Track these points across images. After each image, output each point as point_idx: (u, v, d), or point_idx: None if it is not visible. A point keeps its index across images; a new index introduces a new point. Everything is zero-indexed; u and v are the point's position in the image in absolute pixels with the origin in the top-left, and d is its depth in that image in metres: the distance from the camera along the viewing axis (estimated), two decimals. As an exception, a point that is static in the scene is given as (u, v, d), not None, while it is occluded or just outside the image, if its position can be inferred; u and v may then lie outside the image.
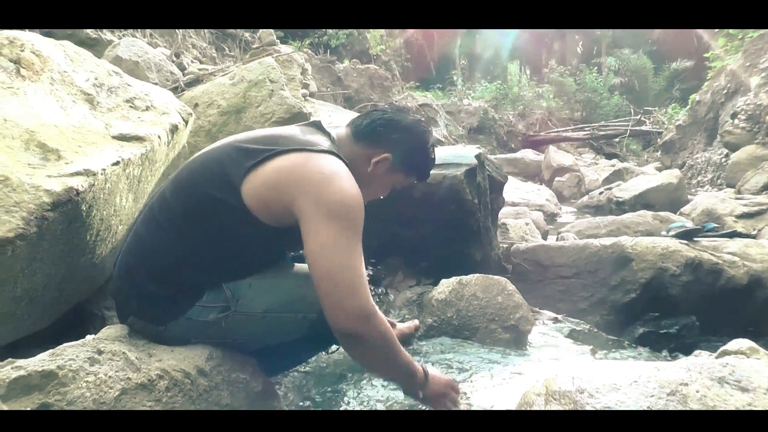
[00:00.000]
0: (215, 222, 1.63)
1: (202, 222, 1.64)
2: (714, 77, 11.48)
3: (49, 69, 2.33)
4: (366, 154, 1.83)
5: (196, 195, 1.65)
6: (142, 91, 2.64)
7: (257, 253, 1.71)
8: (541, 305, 3.33)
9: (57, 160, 1.92)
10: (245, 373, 1.74)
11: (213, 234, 1.63)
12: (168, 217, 1.67)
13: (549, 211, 7.52)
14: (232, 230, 1.63)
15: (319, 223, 1.54)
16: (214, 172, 1.67)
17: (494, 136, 17.37)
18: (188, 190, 1.68)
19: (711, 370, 1.53)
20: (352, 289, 1.52)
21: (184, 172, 1.75)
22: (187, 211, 1.65)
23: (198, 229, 1.64)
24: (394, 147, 1.85)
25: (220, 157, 1.71)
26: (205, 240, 1.64)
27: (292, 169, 1.61)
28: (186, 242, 1.64)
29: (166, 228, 1.66)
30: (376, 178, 1.84)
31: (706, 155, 10.74)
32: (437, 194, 3.18)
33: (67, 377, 1.40)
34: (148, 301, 1.66)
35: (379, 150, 1.84)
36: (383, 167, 1.84)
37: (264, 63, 4.03)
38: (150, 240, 1.68)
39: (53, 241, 1.82)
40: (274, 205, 1.60)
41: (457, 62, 23.38)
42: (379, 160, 1.83)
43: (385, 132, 1.86)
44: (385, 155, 1.83)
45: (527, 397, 1.63)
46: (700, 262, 3.13)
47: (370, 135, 1.86)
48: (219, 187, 1.63)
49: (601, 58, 23.57)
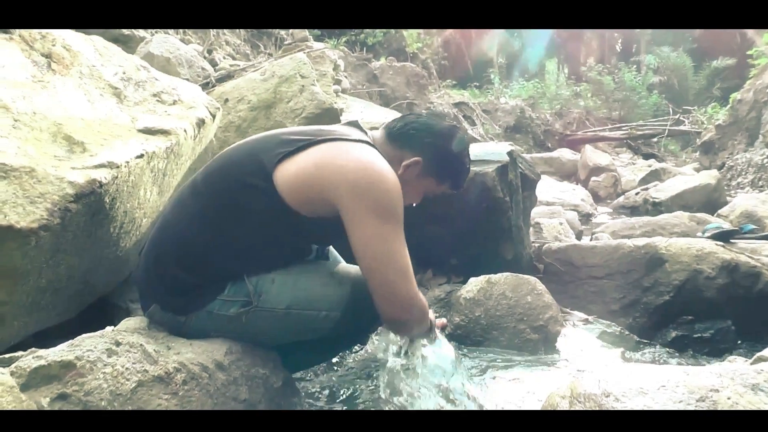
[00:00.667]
0: (245, 208, 1.63)
1: (233, 208, 1.63)
2: (757, 75, 11.17)
3: (78, 63, 2.35)
4: (398, 156, 1.81)
5: (228, 181, 1.65)
6: (169, 85, 2.65)
7: (285, 244, 1.69)
8: (572, 306, 3.27)
9: (82, 153, 1.93)
10: (265, 368, 1.72)
11: (242, 221, 1.63)
12: (198, 204, 1.67)
13: (584, 211, 7.40)
14: (262, 217, 1.63)
15: (363, 214, 1.55)
16: (247, 159, 1.67)
17: (531, 135, 17.17)
18: (220, 177, 1.68)
19: (744, 376, 1.47)
20: (403, 277, 1.58)
21: (217, 161, 1.76)
22: (218, 197, 1.65)
23: (228, 216, 1.63)
24: (426, 151, 1.82)
25: (255, 145, 1.72)
26: (235, 227, 1.63)
27: (330, 158, 1.61)
28: (215, 229, 1.64)
29: (196, 215, 1.66)
30: (406, 182, 1.78)
31: (747, 156, 10.45)
32: (468, 191, 3.13)
33: (85, 368, 1.40)
34: (171, 289, 1.66)
35: (410, 153, 1.82)
36: (414, 171, 1.82)
37: (295, 59, 4.02)
38: (179, 227, 1.68)
39: (77, 232, 1.83)
40: (309, 194, 1.60)
41: (495, 60, 23.19)
42: (410, 164, 1.80)
43: (418, 135, 1.83)
44: (415, 159, 1.80)
45: (551, 399, 1.58)
46: (737, 265, 3.03)
47: (402, 137, 1.84)
48: (251, 172, 1.63)
49: (640, 56, 23.15)
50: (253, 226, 1.63)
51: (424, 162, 1.81)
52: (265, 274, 1.67)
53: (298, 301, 1.68)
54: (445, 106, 12.91)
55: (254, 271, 1.66)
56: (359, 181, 1.56)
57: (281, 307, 1.66)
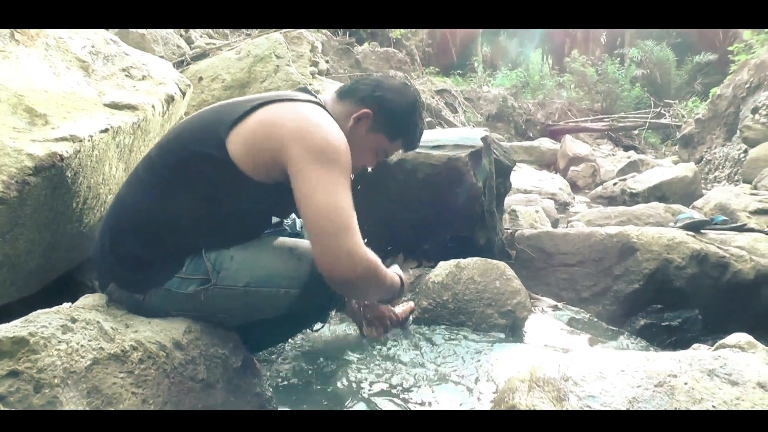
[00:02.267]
0: (201, 179, 1.60)
1: (188, 180, 1.60)
2: (737, 71, 11.26)
3: (44, 35, 2.29)
4: (347, 111, 1.81)
5: (182, 152, 1.62)
6: (139, 60, 2.60)
7: (243, 214, 1.67)
8: (543, 293, 3.28)
9: (44, 125, 1.89)
10: (225, 348, 1.70)
11: (199, 192, 1.60)
12: (153, 178, 1.64)
13: (561, 199, 7.42)
14: (218, 188, 1.60)
15: (307, 167, 1.52)
16: (200, 130, 1.65)
17: (513, 124, 17.18)
18: (174, 149, 1.65)
19: (702, 362, 1.47)
20: (345, 230, 1.51)
21: (170, 134, 1.73)
22: (172, 169, 1.61)
23: (184, 188, 1.61)
24: (375, 104, 1.82)
25: (207, 116, 1.70)
26: (191, 200, 1.60)
27: (277, 118, 1.59)
28: (171, 203, 1.61)
29: (151, 189, 1.63)
30: (357, 137, 1.79)
31: (725, 150, 10.55)
32: (440, 176, 3.13)
33: (39, 344, 1.36)
34: (128, 266, 1.63)
35: (360, 107, 1.81)
36: (364, 125, 1.81)
37: (271, 38, 3.97)
38: (134, 202, 1.65)
39: (37, 206, 1.79)
40: (261, 156, 1.57)
41: (479, 49, 23.16)
42: (359, 116, 1.80)
43: (367, 89, 1.84)
44: (365, 110, 1.80)
45: (511, 383, 1.58)
46: (707, 255, 3.05)
47: (351, 92, 1.84)
48: (204, 142, 1.60)
49: (624, 49, 23.20)
50: (209, 197, 1.60)
51: (373, 115, 1.81)
52: (224, 251, 1.64)
53: (257, 278, 1.65)
54: (427, 93, 12.86)
55: (213, 246, 1.63)
56: (302, 132, 1.55)
57: (240, 284, 1.64)
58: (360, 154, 1.82)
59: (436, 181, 3.14)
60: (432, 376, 2.07)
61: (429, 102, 12.49)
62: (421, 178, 3.13)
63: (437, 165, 3.10)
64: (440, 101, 13.59)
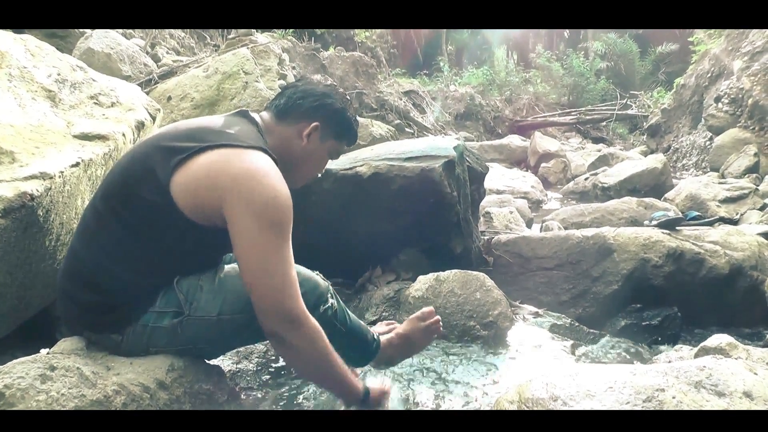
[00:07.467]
0: (147, 224, 1.58)
1: (134, 225, 1.58)
2: (698, 61, 11.46)
3: (7, 65, 2.25)
4: (295, 129, 1.82)
5: (125, 198, 1.59)
6: (107, 86, 2.56)
7: (192, 255, 1.65)
8: (523, 298, 3.28)
9: (11, 163, 1.85)
10: (209, 383, 1.68)
11: (147, 236, 1.58)
12: (99, 226, 1.61)
13: (534, 198, 7.46)
14: (166, 232, 1.58)
15: (246, 223, 1.51)
16: (140, 172, 1.60)
17: (481, 122, 17.27)
18: (117, 195, 1.62)
19: (688, 374, 1.49)
20: (281, 291, 1.51)
21: (109, 178, 1.69)
22: (118, 215, 1.59)
23: (131, 233, 1.58)
24: (319, 114, 1.83)
25: (145, 157, 1.64)
26: (140, 244, 1.59)
27: (220, 168, 1.56)
28: (122, 249, 1.59)
29: (100, 237, 1.61)
30: (311, 151, 1.84)
31: (691, 138, 10.74)
32: (415, 187, 3.12)
33: (15, 396, 1.33)
34: (95, 312, 1.60)
35: (306, 121, 1.82)
36: (315, 137, 1.83)
37: (238, 54, 3.93)
38: (86, 251, 1.62)
39: (7, 249, 1.75)
40: (205, 205, 1.56)
41: (444, 48, 23.24)
42: (310, 131, 1.81)
43: (305, 103, 1.84)
44: (314, 124, 1.82)
45: (500, 405, 1.58)
46: (682, 252, 3.09)
47: (292, 110, 1.84)
48: (148, 188, 1.57)
49: (588, 42, 23.46)
50: (157, 239, 1.59)
51: (321, 125, 1.83)
52: (194, 281, 1.64)
53: (230, 305, 1.64)
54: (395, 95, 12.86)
55: (167, 282, 1.62)
56: (247, 191, 1.53)
57: (213, 313, 1.63)
58: (316, 164, 1.91)
59: (410, 192, 3.13)
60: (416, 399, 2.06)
61: (397, 104, 12.51)
62: (395, 189, 3.12)
63: (411, 176, 3.10)
64: (408, 102, 13.60)
